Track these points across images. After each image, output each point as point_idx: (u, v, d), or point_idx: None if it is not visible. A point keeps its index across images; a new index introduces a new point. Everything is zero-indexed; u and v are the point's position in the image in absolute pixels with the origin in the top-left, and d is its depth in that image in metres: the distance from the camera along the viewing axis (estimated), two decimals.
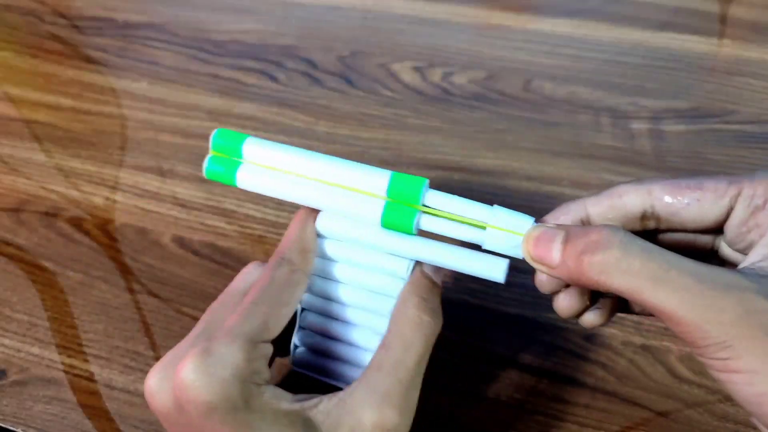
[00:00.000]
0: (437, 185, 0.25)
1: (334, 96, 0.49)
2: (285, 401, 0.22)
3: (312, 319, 0.28)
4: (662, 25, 0.55)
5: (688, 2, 0.58)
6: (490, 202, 0.24)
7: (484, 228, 0.24)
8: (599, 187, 0.43)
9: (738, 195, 0.22)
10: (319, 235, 0.26)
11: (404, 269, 0.26)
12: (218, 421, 0.21)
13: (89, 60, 0.53)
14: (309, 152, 0.25)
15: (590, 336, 0.34)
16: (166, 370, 0.23)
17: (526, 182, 0.42)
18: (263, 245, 0.39)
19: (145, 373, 0.33)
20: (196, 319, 0.35)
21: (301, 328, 0.28)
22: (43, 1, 0.59)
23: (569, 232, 0.22)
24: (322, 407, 0.23)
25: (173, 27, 0.56)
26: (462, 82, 0.50)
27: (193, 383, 0.21)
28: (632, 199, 0.23)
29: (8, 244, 0.39)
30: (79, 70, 0.52)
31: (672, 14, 0.57)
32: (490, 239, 0.24)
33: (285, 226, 0.40)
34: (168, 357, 0.24)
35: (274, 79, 0.51)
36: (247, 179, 0.26)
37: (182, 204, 0.41)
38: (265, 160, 0.26)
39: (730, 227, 0.22)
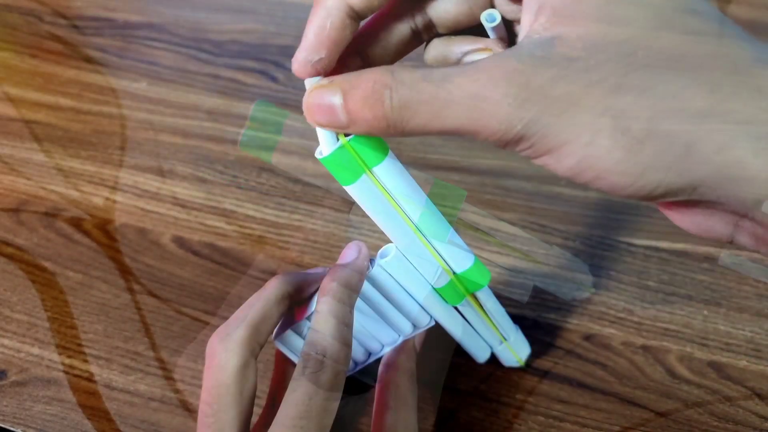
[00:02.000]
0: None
1: None
2: None
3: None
4: None
5: None
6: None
7: (504, 340, 0.30)
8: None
9: None
10: (372, 260, 0.25)
11: (425, 321, 0.27)
12: None
13: (89, 60, 0.53)
14: (414, 187, 0.23)
15: (590, 336, 0.34)
16: None
17: (526, 182, 0.42)
18: (263, 245, 0.39)
19: (146, 373, 0.33)
20: (196, 319, 0.35)
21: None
22: (43, 1, 0.59)
23: (342, 87, 0.19)
24: None
25: (173, 27, 0.56)
26: None
27: None
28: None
29: (8, 244, 0.39)
30: (78, 70, 0.52)
31: None
32: (502, 352, 0.31)
33: (285, 226, 0.40)
34: None
35: (274, 79, 0.51)
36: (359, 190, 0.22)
37: (182, 204, 0.41)
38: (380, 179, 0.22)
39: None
